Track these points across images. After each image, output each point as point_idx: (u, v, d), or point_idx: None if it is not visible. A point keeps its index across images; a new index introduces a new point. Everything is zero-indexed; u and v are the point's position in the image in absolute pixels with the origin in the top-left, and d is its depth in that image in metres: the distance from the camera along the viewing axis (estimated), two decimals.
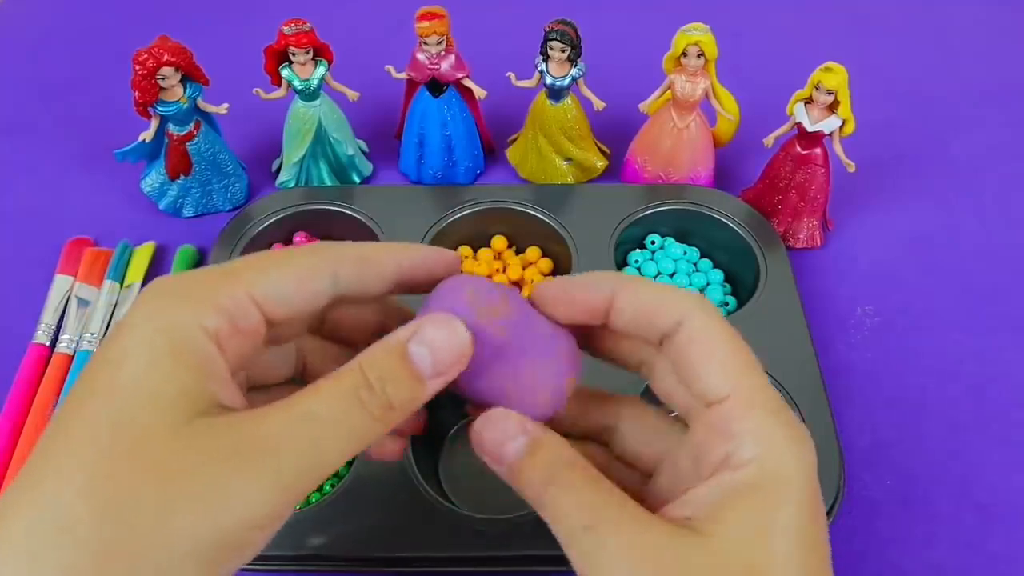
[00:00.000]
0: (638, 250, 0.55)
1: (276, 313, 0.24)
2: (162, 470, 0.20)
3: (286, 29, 0.52)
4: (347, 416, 0.22)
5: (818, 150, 0.53)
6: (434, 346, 0.23)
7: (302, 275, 0.24)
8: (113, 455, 0.20)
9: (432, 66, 0.55)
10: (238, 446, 0.21)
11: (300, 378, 0.29)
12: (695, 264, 0.55)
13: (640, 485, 0.27)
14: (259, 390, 0.27)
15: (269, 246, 0.55)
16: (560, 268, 0.54)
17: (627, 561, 0.22)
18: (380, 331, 0.25)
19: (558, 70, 0.54)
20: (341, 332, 0.29)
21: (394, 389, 0.23)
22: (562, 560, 0.24)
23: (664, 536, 0.22)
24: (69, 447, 0.20)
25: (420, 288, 0.27)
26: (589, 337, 0.28)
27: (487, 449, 0.24)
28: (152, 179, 0.57)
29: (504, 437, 0.24)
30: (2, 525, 0.20)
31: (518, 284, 0.54)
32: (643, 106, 0.57)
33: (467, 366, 0.24)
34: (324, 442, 0.22)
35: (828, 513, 0.41)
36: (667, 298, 0.25)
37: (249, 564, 0.41)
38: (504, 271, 0.54)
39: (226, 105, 0.55)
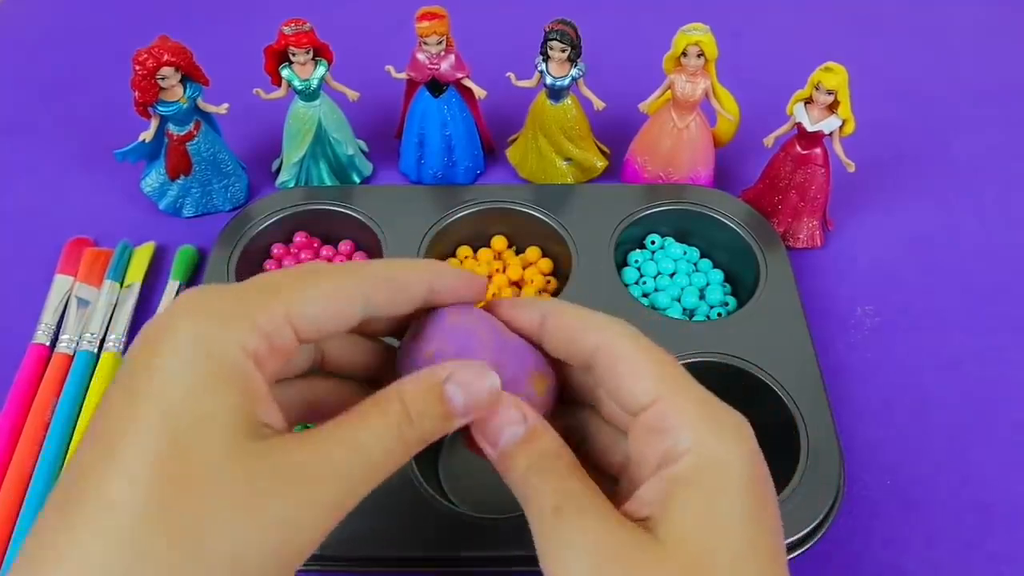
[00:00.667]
0: (638, 250, 0.55)
1: (308, 334, 0.24)
2: (224, 494, 0.20)
3: (286, 29, 0.52)
4: (391, 449, 0.24)
5: (818, 150, 0.53)
6: (468, 390, 0.25)
7: (337, 298, 0.25)
8: (172, 479, 0.20)
9: (432, 66, 0.55)
10: (293, 472, 0.21)
11: (319, 368, 0.29)
12: (695, 264, 0.55)
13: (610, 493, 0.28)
14: (280, 383, 0.28)
15: (269, 246, 0.55)
16: (560, 268, 0.54)
17: (583, 547, 0.23)
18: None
19: (558, 70, 0.54)
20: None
21: (430, 425, 0.25)
22: None
23: (620, 532, 0.23)
24: (125, 465, 0.20)
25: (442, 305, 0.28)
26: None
27: (487, 431, 0.26)
28: (152, 179, 0.57)
29: (504, 423, 0.25)
30: (72, 536, 0.19)
31: (518, 284, 0.54)
32: (643, 106, 0.57)
33: None
34: (370, 474, 0.23)
35: (828, 513, 0.41)
36: (587, 321, 0.27)
37: None
38: (504, 271, 0.54)
39: (226, 105, 0.55)
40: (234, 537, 0.20)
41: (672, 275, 0.54)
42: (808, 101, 0.51)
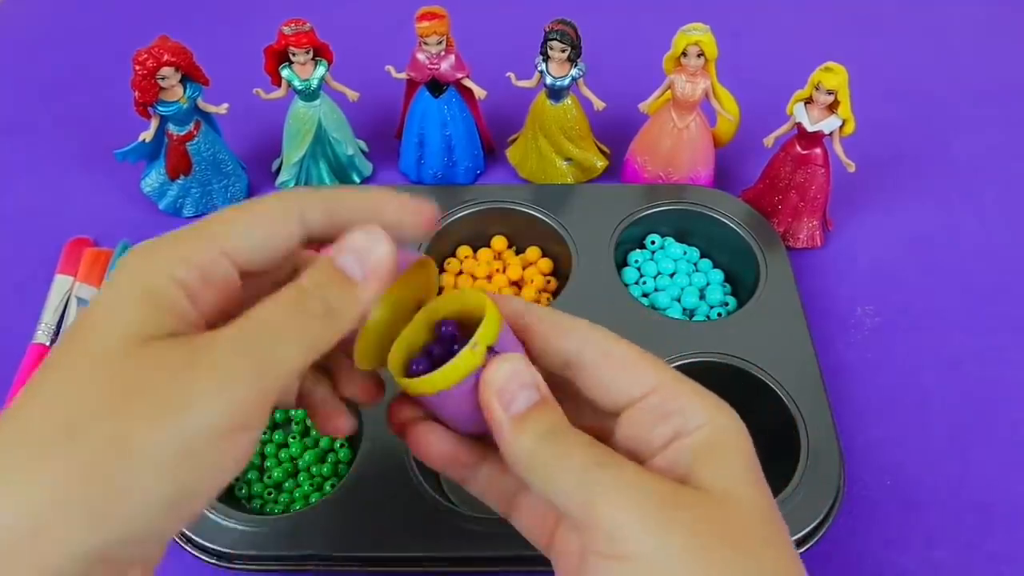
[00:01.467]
0: (638, 250, 0.55)
1: (249, 262, 0.25)
2: (117, 386, 0.21)
3: (286, 29, 0.52)
4: (292, 318, 0.23)
5: (818, 150, 0.53)
6: (357, 250, 0.25)
7: (271, 220, 0.25)
8: (77, 380, 0.21)
9: (432, 66, 0.55)
10: (192, 357, 0.22)
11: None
12: (695, 264, 0.55)
13: None
14: None
15: None
16: (560, 268, 0.54)
17: (639, 487, 0.23)
18: None
19: (558, 70, 0.54)
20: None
21: (331, 293, 0.24)
22: None
23: (665, 481, 0.24)
24: (45, 379, 0.22)
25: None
26: None
27: (502, 391, 0.25)
28: (152, 179, 0.57)
29: (519, 386, 0.25)
30: None
31: (518, 284, 0.54)
32: (643, 106, 0.57)
33: None
34: (275, 344, 0.23)
35: (828, 513, 0.41)
36: (571, 322, 0.27)
37: (249, 564, 0.41)
38: (504, 271, 0.54)
39: (226, 105, 0.55)
40: (122, 423, 0.21)
41: (672, 275, 0.54)
42: (808, 101, 0.51)
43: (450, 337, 0.27)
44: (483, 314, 0.25)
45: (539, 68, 0.54)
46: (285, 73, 0.54)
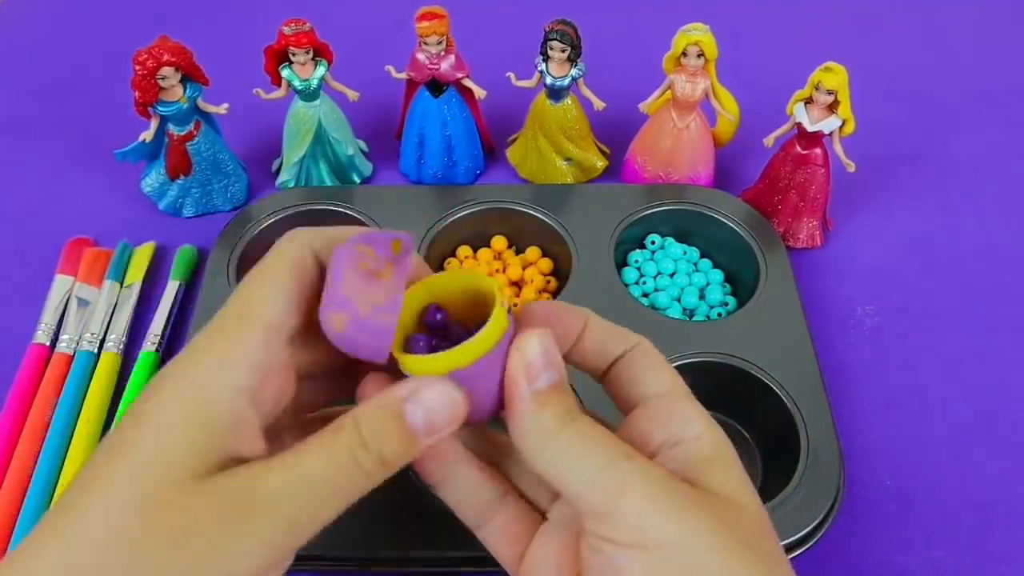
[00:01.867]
0: (638, 250, 0.55)
1: (294, 325, 0.25)
2: (167, 526, 0.21)
3: (286, 29, 0.52)
4: (342, 475, 0.23)
5: (818, 150, 0.53)
6: (430, 408, 0.24)
7: (288, 270, 0.26)
8: (127, 511, 0.21)
9: (432, 66, 0.55)
10: (236, 505, 0.22)
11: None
12: (695, 264, 0.55)
13: None
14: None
15: (269, 246, 0.55)
16: (560, 268, 0.54)
17: (665, 485, 0.24)
18: None
19: (558, 70, 0.54)
20: None
21: (388, 448, 0.24)
22: None
23: (681, 481, 0.25)
24: (94, 499, 0.22)
25: None
26: None
27: (531, 364, 0.25)
28: (152, 179, 0.57)
29: (547, 363, 0.25)
30: (30, 562, 0.21)
31: (518, 284, 0.54)
32: (643, 106, 0.57)
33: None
34: (318, 501, 0.23)
35: (828, 513, 0.41)
36: (623, 330, 0.29)
37: None
38: (504, 271, 0.54)
39: (226, 105, 0.55)
40: (168, 565, 0.21)
41: (672, 275, 0.54)
42: (808, 101, 0.51)
43: (441, 324, 0.26)
44: (468, 292, 0.26)
45: (539, 68, 0.54)
46: (285, 73, 0.54)
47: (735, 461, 0.27)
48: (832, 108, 0.51)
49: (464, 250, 0.55)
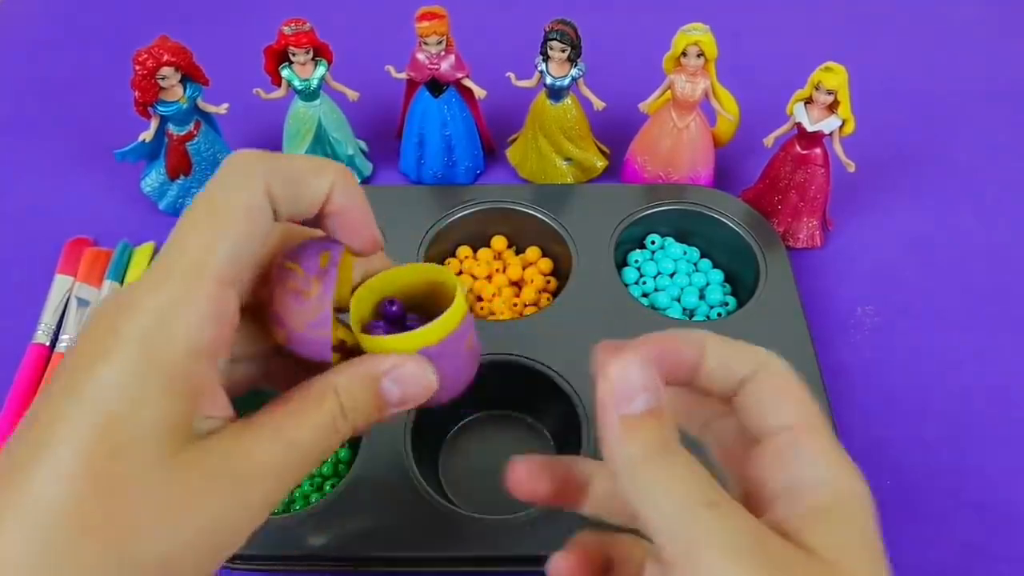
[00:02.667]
0: (638, 250, 0.55)
1: (244, 274, 0.24)
2: (154, 499, 0.21)
3: (286, 29, 0.52)
4: (325, 440, 0.24)
5: (818, 150, 0.53)
6: (406, 384, 0.25)
7: (244, 220, 0.23)
8: (102, 482, 0.20)
9: (432, 66, 0.55)
10: (225, 474, 0.22)
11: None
12: (695, 264, 0.55)
13: None
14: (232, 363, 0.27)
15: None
16: (560, 268, 0.54)
17: (744, 532, 0.21)
18: None
19: (558, 70, 0.54)
20: None
21: (362, 418, 0.25)
22: None
23: (771, 535, 0.22)
24: (56, 463, 0.20)
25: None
26: None
27: (623, 387, 0.23)
28: (152, 179, 0.57)
29: (642, 386, 0.23)
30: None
31: (518, 284, 0.54)
32: (643, 106, 0.57)
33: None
34: (305, 465, 0.24)
35: None
36: (747, 348, 0.26)
37: (249, 564, 0.41)
38: (504, 271, 0.54)
39: (226, 105, 0.55)
40: (163, 540, 0.21)
41: (672, 275, 0.54)
42: (808, 101, 0.51)
43: (397, 315, 0.26)
44: (426, 284, 0.26)
45: (539, 68, 0.54)
46: (285, 73, 0.54)
47: (856, 517, 0.23)
48: (832, 108, 0.51)
49: (464, 250, 0.55)
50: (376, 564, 0.40)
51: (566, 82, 0.54)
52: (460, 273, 0.54)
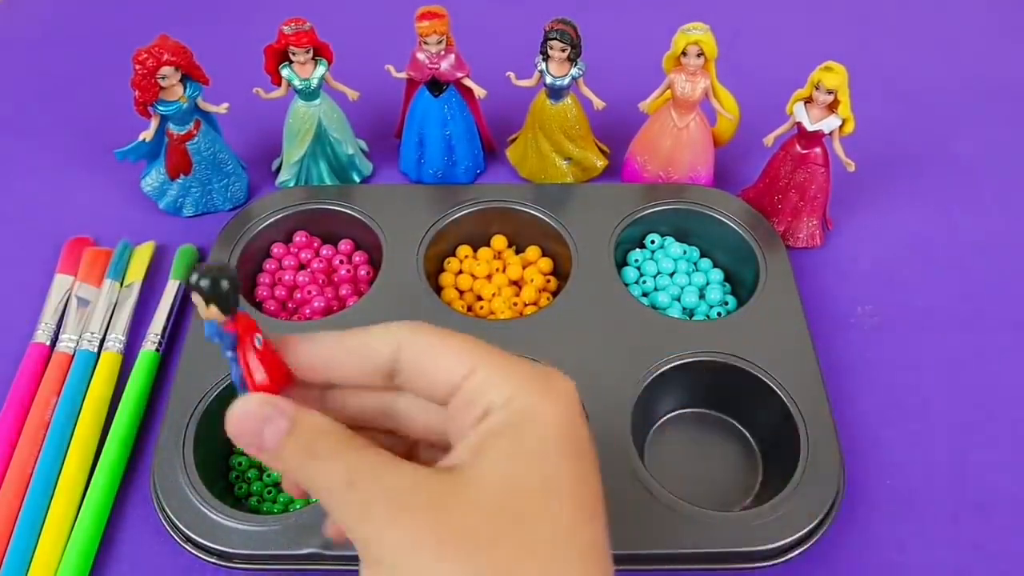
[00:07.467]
0: (638, 250, 0.55)
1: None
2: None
3: (286, 28, 0.52)
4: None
5: (818, 150, 0.53)
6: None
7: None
8: None
9: (432, 66, 0.55)
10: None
11: None
12: (695, 264, 0.55)
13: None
14: None
15: (269, 246, 0.55)
16: (560, 268, 0.54)
17: (388, 506, 0.23)
18: None
19: (558, 70, 0.54)
20: None
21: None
22: None
23: (423, 477, 0.23)
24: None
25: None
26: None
27: (246, 439, 0.24)
28: (152, 178, 0.57)
29: (261, 423, 0.24)
30: None
31: (518, 284, 0.54)
32: (643, 106, 0.57)
33: None
34: None
35: (828, 513, 0.41)
36: (375, 334, 0.26)
37: (249, 564, 0.41)
38: (504, 271, 0.54)
39: (226, 105, 0.55)
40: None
41: (672, 275, 0.54)
42: (808, 101, 0.51)
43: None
44: None
45: (539, 68, 0.54)
46: (285, 72, 0.54)
47: (531, 432, 0.24)
48: (832, 108, 0.51)
49: (464, 250, 0.55)
50: None
51: (566, 82, 0.54)
52: (460, 273, 0.54)
